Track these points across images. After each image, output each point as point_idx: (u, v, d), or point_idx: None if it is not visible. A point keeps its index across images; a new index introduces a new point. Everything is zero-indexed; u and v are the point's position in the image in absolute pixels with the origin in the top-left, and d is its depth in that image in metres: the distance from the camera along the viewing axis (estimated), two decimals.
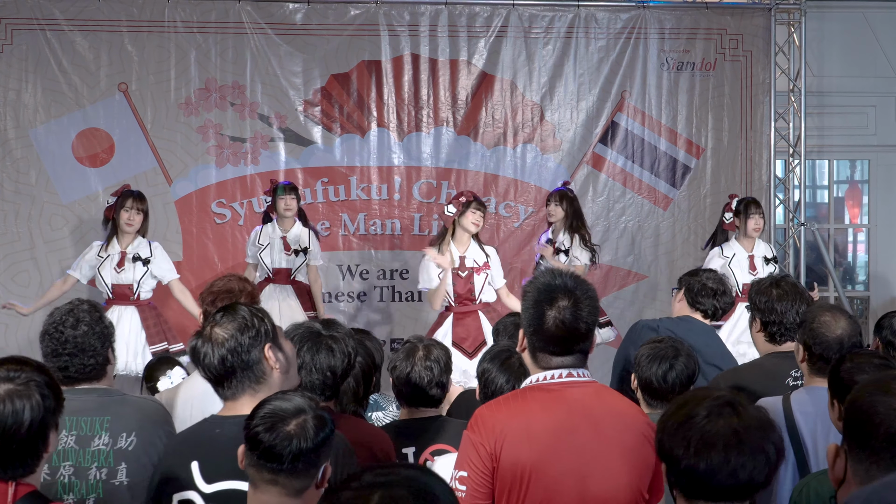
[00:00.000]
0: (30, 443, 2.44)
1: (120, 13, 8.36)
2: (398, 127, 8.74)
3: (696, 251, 8.91)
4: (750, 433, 2.07)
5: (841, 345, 3.33)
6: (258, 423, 2.44)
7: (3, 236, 8.27)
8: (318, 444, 2.43)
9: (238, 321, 2.88)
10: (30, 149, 8.31)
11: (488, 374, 3.29)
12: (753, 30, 9.04)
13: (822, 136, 9.82)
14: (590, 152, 8.93)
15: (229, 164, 8.54)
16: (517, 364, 3.28)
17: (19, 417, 2.41)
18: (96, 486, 3.22)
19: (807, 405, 3.32)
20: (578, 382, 2.81)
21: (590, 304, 2.82)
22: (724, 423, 2.08)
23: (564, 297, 2.79)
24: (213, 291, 4.06)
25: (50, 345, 3.31)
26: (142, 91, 8.42)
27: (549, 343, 2.80)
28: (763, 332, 3.98)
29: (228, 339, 2.84)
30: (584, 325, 2.80)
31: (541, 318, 2.79)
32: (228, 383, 2.86)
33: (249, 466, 2.46)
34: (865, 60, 9.98)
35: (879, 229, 10.29)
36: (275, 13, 8.56)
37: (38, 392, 2.45)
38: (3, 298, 8.05)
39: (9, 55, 8.26)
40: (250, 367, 2.86)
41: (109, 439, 3.25)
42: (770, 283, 4.00)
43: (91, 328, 3.33)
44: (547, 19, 8.86)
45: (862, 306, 10.38)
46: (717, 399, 2.12)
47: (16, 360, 2.57)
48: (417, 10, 8.72)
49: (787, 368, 3.86)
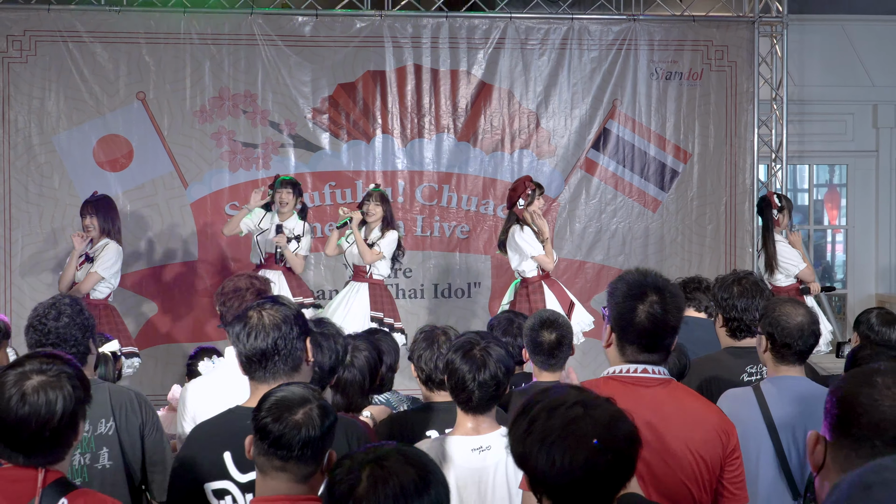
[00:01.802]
0: (61, 432, 2.45)
1: (138, 25, 8.35)
2: (402, 133, 8.74)
3: (683, 251, 8.93)
4: (580, 424, 2.00)
5: (801, 331, 3.33)
6: (266, 414, 2.44)
7: (28, 236, 8.28)
8: (325, 431, 2.44)
9: (286, 311, 2.90)
10: (53, 154, 8.30)
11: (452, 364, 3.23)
12: (738, 42, 9.05)
13: (802, 142, 9.84)
14: (583, 157, 8.94)
15: (242, 168, 8.55)
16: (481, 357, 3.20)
17: (52, 407, 2.43)
18: (81, 471, 3.29)
19: (774, 395, 3.31)
20: (652, 379, 2.78)
21: (676, 301, 2.80)
22: (559, 420, 2.02)
23: (654, 293, 2.77)
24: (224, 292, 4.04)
25: (34, 336, 3.36)
26: (159, 99, 8.42)
27: (640, 337, 2.78)
28: (725, 328, 3.98)
29: (280, 325, 2.86)
30: (673, 318, 2.78)
31: (632, 312, 2.77)
32: (267, 366, 2.86)
33: (259, 455, 2.45)
34: (844, 71, 10.00)
35: (857, 230, 10.31)
36: (285, 26, 8.56)
37: (69, 383, 2.48)
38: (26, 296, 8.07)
39: (33, 65, 8.26)
40: (291, 354, 2.88)
41: (89, 426, 3.29)
42: (732, 280, 3.97)
43: (72, 320, 3.37)
44: (542, 31, 8.86)
45: (840, 303, 10.40)
46: (566, 403, 2.06)
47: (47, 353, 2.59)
48: (420, 22, 8.72)
49: (743, 364, 3.88)
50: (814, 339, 3.38)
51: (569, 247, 8.82)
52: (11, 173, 8.25)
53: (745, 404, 3.30)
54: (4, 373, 2.50)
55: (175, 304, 8.42)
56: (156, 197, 8.42)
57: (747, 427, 3.21)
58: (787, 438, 3.25)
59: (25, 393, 2.42)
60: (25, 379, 2.44)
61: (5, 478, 2.44)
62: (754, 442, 3.25)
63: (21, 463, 2.44)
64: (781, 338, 3.33)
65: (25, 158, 8.27)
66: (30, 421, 2.41)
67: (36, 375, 2.45)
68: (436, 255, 8.82)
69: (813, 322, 3.38)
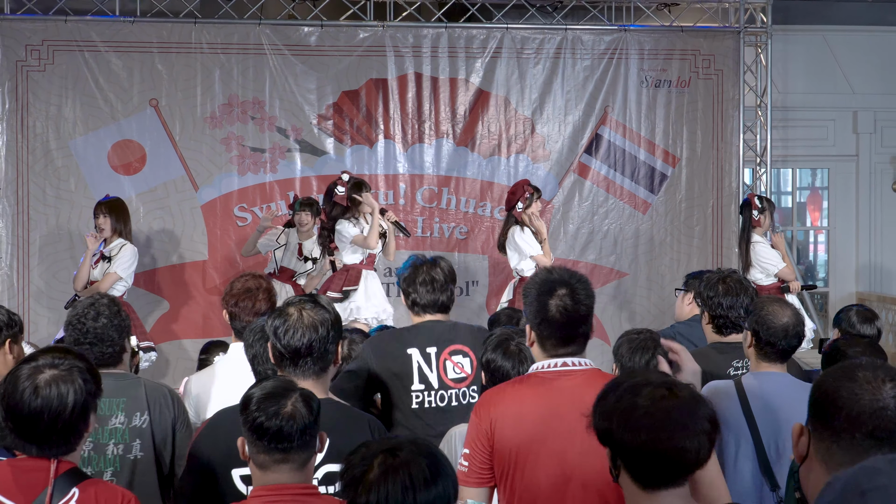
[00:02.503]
0: (73, 423, 2.45)
1: (151, 35, 8.35)
2: (403, 139, 8.73)
3: (672, 251, 8.93)
4: (682, 410, 2.05)
5: (786, 332, 3.30)
6: (258, 413, 2.41)
7: (45, 237, 8.27)
8: (315, 414, 2.44)
9: (325, 313, 2.88)
10: (70, 158, 8.30)
11: (494, 363, 3.30)
12: (724, 51, 9.04)
13: (786, 147, 9.84)
14: (576, 162, 8.93)
15: (250, 172, 8.54)
16: (517, 349, 3.30)
17: (64, 400, 2.43)
18: (114, 461, 3.27)
19: (755, 389, 3.28)
20: (572, 371, 2.81)
21: (585, 288, 2.83)
22: (644, 399, 2.06)
23: (562, 287, 2.80)
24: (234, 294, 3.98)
25: (73, 334, 3.35)
26: (171, 106, 8.41)
27: (555, 330, 2.81)
28: (711, 324, 3.95)
29: (318, 327, 2.83)
30: (584, 307, 2.81)
31: (544, 307, 2.79)
32: (298, 363, 2.84)
33: (258, 454, 2.43)
34: (825, 79, 10.01)
35: (838, 231, 10.32)
36: (291, 35, 8.56)
37: (80, 377, 2.47)
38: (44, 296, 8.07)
39: (51, 74, 8.25)
40: (323, 357, 2.86)
41: (125, 418, 3.30)
42: (718, 279, 3.92)
43: (110, 321, 3.37)
44: (537, 41, 8.86)
45: (822, 301, 10.39)
46: (652, 384, 2.10)
47: (60, 348, 2.59)
48: (420, 32, 8.72)
49: (729, 359, 3.85)
50: (797, 340, 3.36)
51: (562, 247, 8.81)
52: (30, 176, 8.25)
53: (725, 397, 3.28)
54: (19, 367, 2.51)
55: (185, 301, 8.41)
56: (168, 199, 8.41)
57: (727, 420, 3.21)
58: (766, 432, 3.23)
59: (38, 386, 2.43)
60: (38, 373, 2.45)
61: (20, 468, 2.45)
62: (734, 434, 3.25)
63: (34, 454, 2.45)
64: (766, 336, 3.31)
65: (43, 162, 8.26)
66: (42, 413, 2.41)
67: (48, 370, 2.46)
68: None
69: (798, 323, 3.36)
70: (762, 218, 7.33)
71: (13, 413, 2.43)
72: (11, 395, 2.43)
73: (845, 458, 1.79)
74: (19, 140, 8.22)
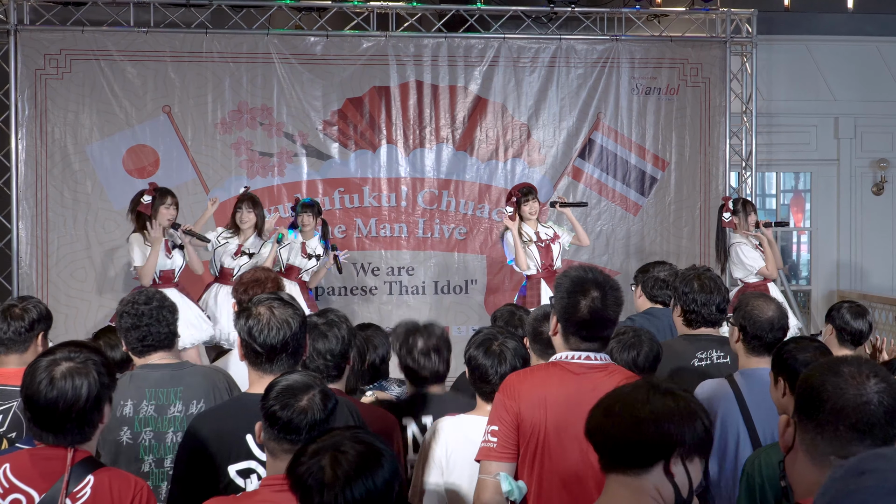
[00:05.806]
0: (87, 414, 2.44)
1: (164, 45, 8.35)
2: (405, 143, 8.73)
3: (661, 251, 8.91)
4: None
5: (772, 325, 3.31)
6: (274, 402, 2.42)
7: (63, 238, 8.26)
8: (328, 413, 2.43)
9: (294, 309, 2.86)
10: (86, 162, 8.30)
11: (475, 361, 3.26)
12: (711, 60, 9.04)
13: (770, 151, 9.84)
14: (570, 165, 8.92)
15: (259, 175, 8.53)
16: (499, 350, 3.25)
17: (78, 392, 2.42)
18: (173, 448, 3.23)
19: (748, 386, 3.29)
20: (594, 365, 2.82)
21: (615, 295, 2.81)
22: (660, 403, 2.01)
23: (595, 289, 2.78)
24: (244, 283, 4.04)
25: (129, 320, 3.32)
26: (183, 113, 8.41)
27: (581, 328, 2.80)
28: (682, 317, 3.94)
29: (291, 322, 2.81)
30: (612, 312, 2.80)
31: (575, 306, 2.78)
32: (276, 361, 2.82)
33: (269, 440, 2.44)
34: (808, 86, 10.01)
35: (820, 232, 10.31)
36: (298, 45, 8.55)
37: (95, 370, 2.46)
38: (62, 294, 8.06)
39: (68, 82, 8.25)
40: (298, 351, 2.86)
41: (182, 406, 3.28)
42: (693, 275, 3.92)
43: (161, 304, 3.37)
44: (533, 51, 8.85)
45: (805, 299, 10.39)
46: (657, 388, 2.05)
47: (75, 343, 2.59)
48: (421, 42, 8.71)
49: (693, 350, 3.86)
50: (782, 332, 3.36)
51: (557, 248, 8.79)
52: (48, 180, 8.24)
53: (721, 397, 3.29)
54: (38, 359, 2.51)
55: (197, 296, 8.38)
56: (180, 202, 8.37)
57: (725, 418, 3.24)
58: (762, 427, 3.24)
59: (54, 378, 2.42)
60: (55, 365, 2.44)
61: (38, 456, 2.45)
62: (732, 431, 3.26)
63: (51, 442, 2.44)
64: (753, 330, 3.32)
65: (61, 167, 8.26)
66: (57, 403, 2.41)
67: (65, 362, 2.45)
68: (436, 255, 8.81)
69: (783, 317, 3.37)
70: (735, 220, 7.26)
71: (31, 403, 2.43)
72: (29, 385, 2.44)
73: (828, 448, 1.79)
74: (38, 145, 8.22)
